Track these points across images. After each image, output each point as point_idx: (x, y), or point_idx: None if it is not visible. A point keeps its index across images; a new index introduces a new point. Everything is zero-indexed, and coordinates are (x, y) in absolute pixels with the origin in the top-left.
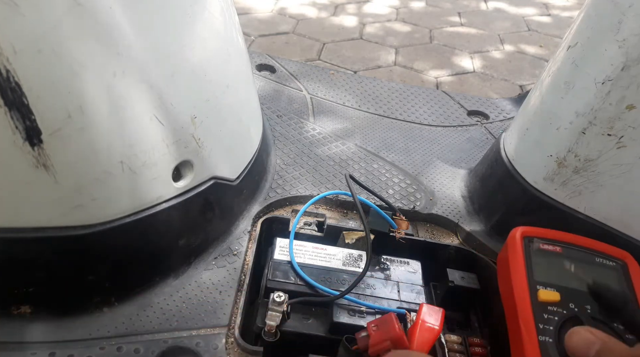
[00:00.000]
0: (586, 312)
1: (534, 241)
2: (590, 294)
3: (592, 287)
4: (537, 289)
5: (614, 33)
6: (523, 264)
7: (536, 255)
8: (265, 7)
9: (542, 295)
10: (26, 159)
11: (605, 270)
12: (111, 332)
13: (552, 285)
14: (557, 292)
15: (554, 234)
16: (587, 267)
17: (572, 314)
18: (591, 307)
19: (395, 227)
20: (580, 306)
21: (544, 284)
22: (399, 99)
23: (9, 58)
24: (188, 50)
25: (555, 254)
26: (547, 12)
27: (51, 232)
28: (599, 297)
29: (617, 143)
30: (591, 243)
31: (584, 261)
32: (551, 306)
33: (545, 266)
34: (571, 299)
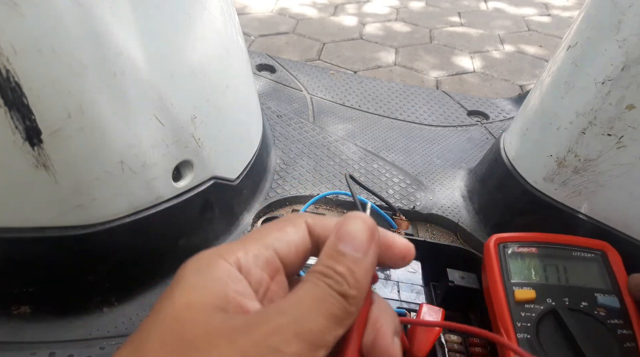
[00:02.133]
0: (564, 305)
1: (508, 246)
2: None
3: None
4: (513, 290)
5: (614, 33)
6: (498, 269)
7: (511, 258)
8: (265, 7)
9: (518, 295)
10: (26, 159)
11: (584, 262)
12: (111, 332)
13: (528, 284)
14: (532, 290)
15: (529, 237)
16: (565, 262)
17: (549, 308)
18: (569, 299)
19: (395, 227)
20: (557, 299)
21: (520, 285)
22: (399, 99)
23: (9, 58)
24: (188, 50)
25: (531, 255)
26: (547, 12)
27: (51, 232)
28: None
29: (617, 143)
30: (568, 239)
31: (560, 257)
32: (528, 304)
33: (521, 268)
34: (548, 294)
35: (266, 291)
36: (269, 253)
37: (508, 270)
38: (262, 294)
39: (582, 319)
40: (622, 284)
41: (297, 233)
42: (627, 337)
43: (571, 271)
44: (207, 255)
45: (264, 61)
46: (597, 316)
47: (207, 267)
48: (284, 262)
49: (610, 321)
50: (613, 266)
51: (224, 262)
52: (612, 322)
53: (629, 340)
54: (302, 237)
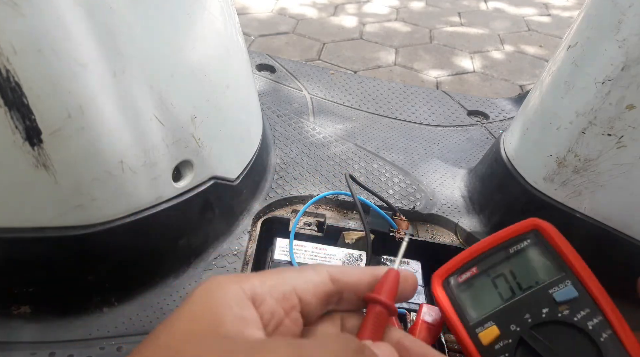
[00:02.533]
0: (527, 325)
1: (451, 280)
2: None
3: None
4: (477, 334)
5: (614, 33)
6: (455, 315)
7: (459, 292)
8: (265, 7)
9: (483, 338)
10: (26, 159)
11: (525, 254)
12: (111, 332)
13: (487, 318)
14: (494, 324)
15: (464, 257)
16: (508, 265)
17: (517, 337)
18: (530, 313)
19: (395, 227)
20: (519, 321)
21: (480, 324)
22: (399, 99)
23: (9, 58)
24: (188, 50)
25: (475, 278)
26: (547, 12)
27: (51, 232)
28: None
29: (617, 143)
30: (499, 236)
31: (501, 262)
32: (496, 343)
33: (474, 299)
34: (509, 319)
35: (278, 325)
36: (286, 287)
37: (464, 310)
38: (273, 327)
39: (551, 332)
40: (569, 260)
41: (317, 276)
42: (601, 327)
43: (519, 273)
44: (222, 278)
45: (264, 61)
46: (563, 318)
47: (217, 289)
48: (301, 299)
49: (577, 316)
50: (551, 242)
51: (236, 287)
52: (579, 317)
53: (604, 329)
54: (323, 280)
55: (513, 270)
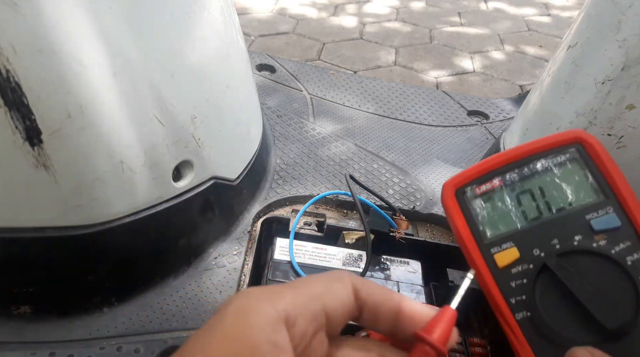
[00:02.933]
0: (554, 251)
1: (468, 191)
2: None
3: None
4: (492, 254)
5: (614, 33)
6: (468, 230)
7: (475, 207)
8: (265, 7)
9: (499, 260)
10: (26, 159)
11: (561, 170)
12: (111, 332)
13: (506, 238)
14: (514, 246)
15: (484, 166)
16: (538, 180)
17: (540, 264)
18: (559, 238)
19: (395, 227)
20: (545, 245)
21: (497, 243)
22: (399, 99)
23: (9, 58)
24: (188, 50)
25: (496, 192)
26: (547, 12)
27: (51, 232)
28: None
29: (617, 143)
30: (532, 147)
31: (531, 176)
32: (514, 267)
33: (490, 217)
34: (532, 242)
35: (306, 347)
36: (317, 306)
37: (478, 227)
38: (302, 349)
39: (581, 263)
40: (615, 183)
41: (344, 291)
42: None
43: (550, 191)
44: (254, 294)
45: (264, 61)
46: (599, 249)
47: (251, 310)
48: (328, 319)
49: (615, 248)
50: (595, 158)
51: (269, 308)
52: (617, 250)
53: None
54: (349, 297)
55: (543, 187)
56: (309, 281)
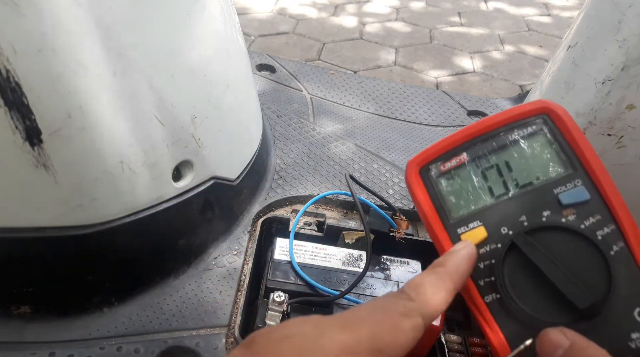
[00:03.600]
0: (522, 228)
1: (431, 168)
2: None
3: None
4: (459, 235)
5: (614, 33)
6: (433, 209)
7: (440, 185)
8: (265, 7)
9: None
10: (26, 159)
11: (529, 142)
12: (111, 332)
13: (472, 217)
14: (481, 225)
15: (449, 142)
16: (504, 154)
17: (508, 242)
18: (527, 215)
19: (395, 227)
20: (512, 222)
21: (464, 223)
22: (399, 99)
23: (9, 58)
24: (188, 50)
25: (461, 168)
26: (547, 12)
27: (51, 232)
28: None
29: (617, 143)
30: (499, 118)
31: (497, 150)
32: (482, 247)
33: (456, 195)
34: (500, 220)
35: None
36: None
37: (443, 207)
38: None
39: (550, 239)
40: (583, 154)
41: (412, 333)
42: (612, 238)
43: (517, 165)
44: (297, 344)
45: (264, 61)
46: (567, 224)
47: None
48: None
49: (585, 223)
50: (563, 129)
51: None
52: (587, 224)
53: (615, 241)
54: (416, 337)
55: (510, 161)
56: (370, 317)
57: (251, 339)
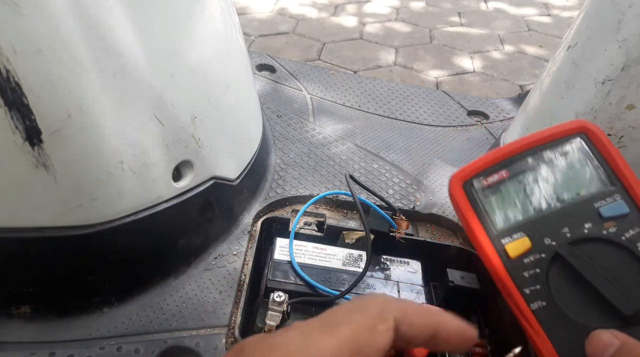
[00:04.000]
0: (565, 239)
1: (474, 183)
2: None
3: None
4: (504, 245)
5: (614, 33)
6: (477, 221)
7: (484, 197)
8: (265, 7)
9: (510, 250)
10: (26, 158)
11: (567, 160)
12: (111, 332)
13: (516, 229)
14: (525, 235)
15: (493, 157)
16: (545, 171)
17: (552, 252)
18: (569, 227)
19: (395, 227)
20: (555, 234)
21: (507, 233)
22: (399, 99)
23: (9, 58)
24: (188, 51)
25: (503, 183)
26: (547, 12)
27: (51, 232)
28: None
29: (617, 143)
30: (538, 136)
31: (537, 167)
32: (526, 257)
33: (499, 207)
34: (543, 231)
35: None
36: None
37: (487, 219)
38: None
39: (592, 250)
40: (620, 171)
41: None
42: None
43: (557, 181)
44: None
45: (264, 61)
46: (609, 236)
47: None
48: None
49: (625, 235)
50: (600, 148)
51: None
52: (627, 236)
53: None
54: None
55: (550, 178)
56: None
57: (240, 348)
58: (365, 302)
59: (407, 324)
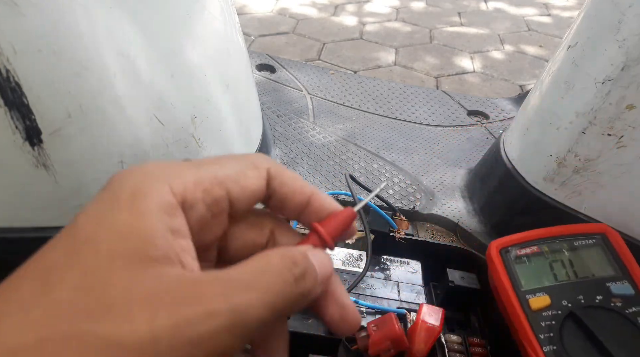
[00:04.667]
0: (580, 303)
1: (510, 251)
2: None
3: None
4: (527, 299)
5: (614, 33)
6: (508, 279)
7: (517, 264)
8: (265, 7)
9: (533, 304)
10: (26, 158)
11: (588, 250)
12: None
13: (539, 290)
14: (546, 294)
15: (528, 236)
16: (569, 254)
17: (567, 311)
18: (583, 295)
19: (395, 227)
20: (572, 298)
21: (531, 291)
22: (399, 99)
23: (9, 58)
24: (188, 50)
25: (535, 255)
26: (547, 12)
27: (51, 232)
28: None
29: (617, 143)
30: (567, 229)
31: (563, 250)
32: (545, 311)
33: (528, 272)
34: (561, 295)
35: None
36: (220, 192)
37: (517, 278)
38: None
39: (601, 315)
40: (630, 266)
41: (257, 181)
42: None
43: (577, 263)
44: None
45: (264, 61)
46: (615, 308)
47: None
48: (232, 205)
49: (629, 310)
50: (617, 248)
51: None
52: (630, 311)
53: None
54: (260, 186)
55: (572, 259)
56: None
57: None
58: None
59: (280, 182)
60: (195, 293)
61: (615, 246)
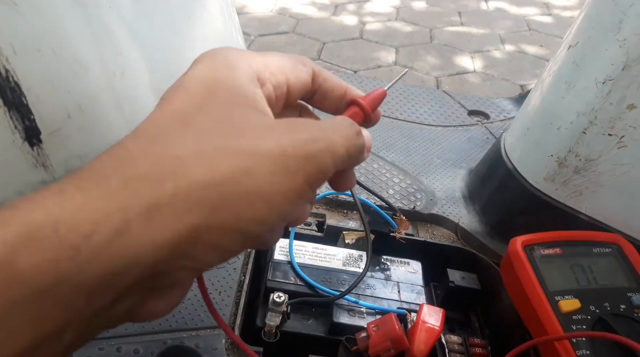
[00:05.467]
0: (607, 311)
1: (535, 249)
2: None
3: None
4: (557, 301)
5: (614, 32)
6: (534, 277)
7: (542, 263)
8: (265, 6)
9: (563, 306)
10: (25, 158)
11: (605, 259)
12: (111, 332)
13: (568, 292)
14: (575, 298)
15: (549, 236)
16: (588, 260)
17: (596, 317)
18: (608, 303)
19: (395, 227)
20: (599, 305)
21: (560, 293)
22: (399, 99)
23: (9, 58)
24: (188, 51)
25: (558, 257)
26: (547, 12)
27: None
28: None
29: (618, 143)
30: (585, 235)
31: (583, 256)
32: (575, 314)
33: (554, 273)
34: (589, 301)
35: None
36: (282, 77)
37: (542, 278)
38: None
39: (628, 324)
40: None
41: (305, 74)
42: None
43: (596, 271)
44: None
45: None
46: (638, 318)
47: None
48: (288, 92)
49: None
50: (631, 259)
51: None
52: None
53: None
54: (307, 79)
55: (591, 266)
56: (277, 55)
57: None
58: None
59: (323, 77)
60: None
61: (631, 258)
